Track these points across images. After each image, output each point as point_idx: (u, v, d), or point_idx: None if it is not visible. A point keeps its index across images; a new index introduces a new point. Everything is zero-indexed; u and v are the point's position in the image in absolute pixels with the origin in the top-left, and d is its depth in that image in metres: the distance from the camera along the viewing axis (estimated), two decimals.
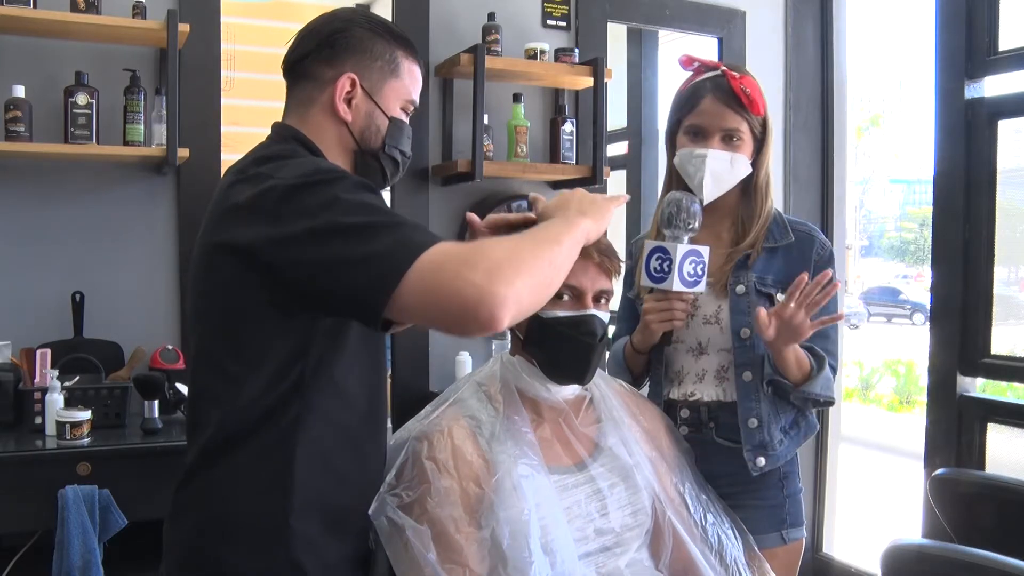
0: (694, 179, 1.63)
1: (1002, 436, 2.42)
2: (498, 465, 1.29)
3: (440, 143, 2.68)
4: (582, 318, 1.36)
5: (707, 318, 1.65)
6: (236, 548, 1.16)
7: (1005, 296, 2.94)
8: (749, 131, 1.63)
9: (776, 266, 1.66)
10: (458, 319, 1.02)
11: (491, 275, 1.00)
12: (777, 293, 1.64)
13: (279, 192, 1.09)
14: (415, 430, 1.35)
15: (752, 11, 3.11)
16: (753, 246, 1.65)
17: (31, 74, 2.26)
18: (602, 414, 1.47)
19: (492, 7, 2.67)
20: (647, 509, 1.41)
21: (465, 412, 1.36)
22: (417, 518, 1.24)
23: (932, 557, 1.71)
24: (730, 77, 1.63)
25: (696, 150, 1.62)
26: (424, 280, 1.01)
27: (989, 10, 2.39)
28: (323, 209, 1.06)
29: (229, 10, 2.49)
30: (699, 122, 1.63)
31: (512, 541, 1.24)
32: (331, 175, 1.11)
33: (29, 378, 2.17)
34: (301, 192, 1.08)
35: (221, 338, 1.17)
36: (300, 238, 1.05)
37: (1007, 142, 2.41)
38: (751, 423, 1.62)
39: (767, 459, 1.62)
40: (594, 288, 1.37)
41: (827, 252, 1.69)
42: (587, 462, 1.40)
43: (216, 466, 1.16)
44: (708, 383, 1.66)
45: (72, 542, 1.89)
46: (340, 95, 1.25)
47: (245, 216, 1.11)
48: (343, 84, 1.25)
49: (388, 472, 1.31)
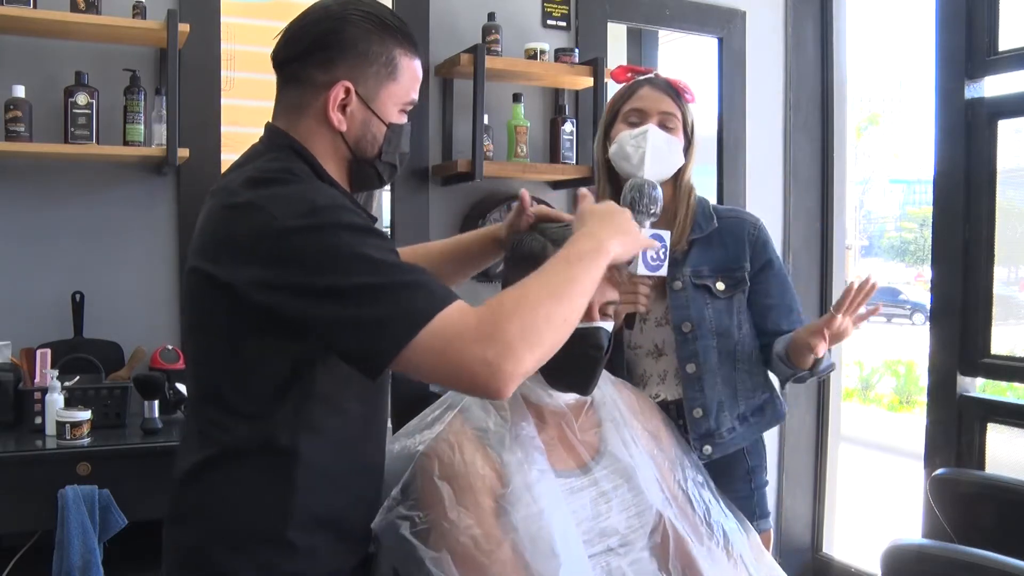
0: (634, 158, 1.62)
1: (1002, 436, 2.42)
2: (511, 474, 1.29)
3: (440, 143, 2.68)
4: (589, 331, 1.34)
5: (658, 320, 1.70)
6: (237, 555, 1.15)
7: (1005, 296, 2.94)
8: (681, 123, 1.68)
9: (711, 255, 1.70)
10: (466, 389, 1.07)
11: (503, 355, 1.00)
12: (716, 283, 1.67)
13: (275, 234, 1.05)
14: (421, 442, 1.34)
15: (752, 11, 3.11)
16: (679, 241, 1.68)
17: (31, 74, 2.26)
18: (603, 416, 1.46)
19: (492, 7, 2.67)
20: (651, 509, 1.41)
21: (472, 422, 1.35)
22: (435, 544, 1.22)
23: (932, 557, 1.72)
24: (665, 76, 1.71)
25: (636, 130, 1.65)
26: (433, 349, 1.01)
27: (989, 10, 2.39)
28: (324, 262, 1.03)
29: (229, 10, 2.49)
30: (638, 105, 1.67)
31: (532, 546, 1.23)
32: (329, 217, 1.06)
33: (29, 378, 2.17)
34: (299, 237, 1.04)
35: (219, 354, 1.15)
36: (300, 291, 1.03)
37: (1007, 142, 2.41)
38: (696, 413, 1.67)
39: (714, 447, 1.67)
40: (601, 300, 1.37)
41: (760, 232, 1.73)
42: (590, 465, 1.40)
43: (219, 474, 1.16)
44: (669, 383, 1.70)
45: (72, 542, 1.89)
46: (334, 104, 1.17)
47: (240, 255, 1.07)
48: (337, 92, 1.17)
49: (392, 483, 1.31)
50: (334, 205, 1.09)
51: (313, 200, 1.08)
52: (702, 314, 1.67)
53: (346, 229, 1.06)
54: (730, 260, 1.70)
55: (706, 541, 1.44)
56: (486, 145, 2.58)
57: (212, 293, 1.11)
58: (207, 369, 1.18)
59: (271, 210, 1.06)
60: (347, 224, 1.06)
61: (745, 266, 1.71)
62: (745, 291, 1.71)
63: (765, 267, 1.72)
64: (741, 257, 1.71)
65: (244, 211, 1.09)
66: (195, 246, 1.16)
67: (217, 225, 1.12)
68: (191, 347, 1.22)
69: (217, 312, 1.12)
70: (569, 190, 2.83)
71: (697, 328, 1.67)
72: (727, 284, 1.69)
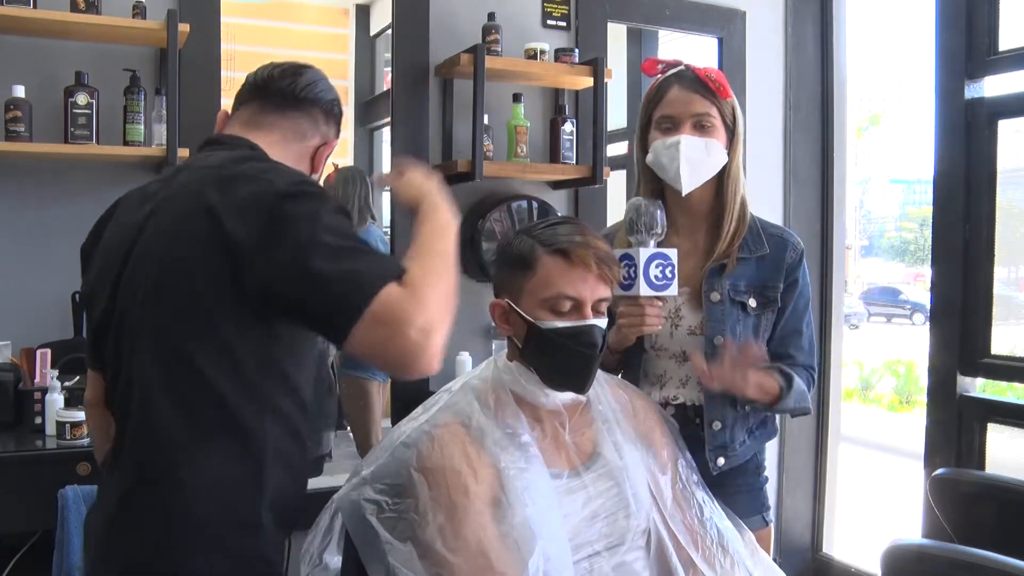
0: (669, 171, 1.62)
1: (1002, 436, 2.42)
2: (497, 472, 1.28)
3: (440, 143, 2.68)
4: (582, 329, 1.35)
5: (691, 329, 1.66)
6: (206, 546, 1.16)
7: (1005, 296, 2.95)
8: (720, 117, 1.63)
9: (749, 272, 1.66)
10: (398, 363, 1.11)
11: (435, 330, 1.10)
12: (750, 300, 1.65)
13: (272, 196, 1.14)
14: (404, 431, 1.34)
15: (752, 11, 3.11)
16: (728, 255, 1.65)
17: (31, 74, 2.25)
18: (597, 417, 1.46)
19: (492, 7, 2.67)
20: (640, 512, 1.40)
21: (459, 418, 1.34)
22: (400, 535, 1.23)
23: (932, 557, 1.72)
24: (694, 68, 1.64)
25: (668, 139, 1.61)
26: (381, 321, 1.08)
27: (989, 10, 2.39)
28: (310, 221, 1.12)
29: (229, 10, 2.49)
30: (669, 112, 1.63)
31: (514, 546, 1.23)
32: (316, 189, 1.20)
33: (29, 378, 2.17)
34: (289, 203, 1.14)
35: (185, 332, 1.16)
36: (288, 246, 1.11)
37: (1007, 142, 2.42)
38: (715, 425, 1.64)
39: (726, 459, 1.65)
40: (593, 297, 1.36)
41: (798, 254, 1.69)
42: (582, 466, 1.40)
43: (182, 468, 1.16)
44: (692, 388, 1.67)
45: (72, 542, 1.89)
46: (325, 151, 1.39)
47: (236, 214, 1.14)
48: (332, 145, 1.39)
49: (366, 462, 1.32)
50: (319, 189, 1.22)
51: (303, 176, 1.25)
52: (735, 330, 1.63)
53: (328, 204, 1.17)
54: (766, 279, 1.66)
55: (700, 541, 1.44)
56: (486, 145, 2.58)
57: (196, 250, 1.15)
58: (167, 353, 1.18)
59: (269, 177, 1.18)
60: (330, 202, 1.18)
61: (779, 286, 1.67)
62: (774, 312, 1.68)
63: (791, 286, 1.68)
64: (777, 277, 1.66)
65: (239, 180, 1.18)
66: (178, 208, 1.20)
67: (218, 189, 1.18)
68: (146, 317, 1.20)
69: (191, 272, 1.16)
70: (569, 190, 2.83)
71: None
72: (759, 302, 1.66)
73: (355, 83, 3.92)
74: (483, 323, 2.70)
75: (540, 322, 1.35)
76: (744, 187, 1.70)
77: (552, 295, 1.35)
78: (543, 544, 1.25)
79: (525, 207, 2.70)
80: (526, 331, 1.36)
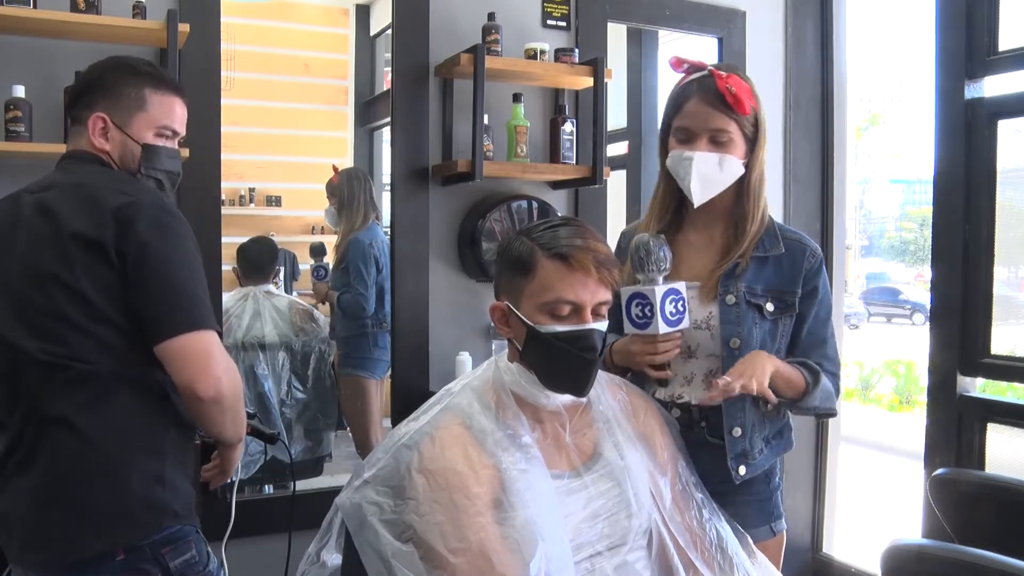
0: (683, 181, 1.63)
1: (1002, 436, 2.42)
2: (498, 473, 1.28)
3: (440, 143, 2.68)
4: (581, 333, 1.35)
5: (697, 323, 1.66)
6: (112, 485, 1.37)
7: (1005, 296, 2.95)
8: (739, 131, 1.62)
9: (767, 275, 1.66)
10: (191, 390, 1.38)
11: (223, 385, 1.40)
12: (767, 303, 1.64)
13: (143, 207, 1.43)
14: (405, 433, 1.34)
15: (752, 11, 3.11)
16: (743, 255, 1.65)
17: (31, 74, 2.25)
18: (598, 418, 1.46)
19: (492, 7, 2.67)
20: (642, 512, 1.40)
21: (460, 419, 1.34)
22: (401, 536, 1.23)
23: (932, 557, 1.71)
24: (716, 77, 1.61)
25: (684, 152, 1.61)
26: (199, 351, 1.39)
27: (989, 10, 2.39)
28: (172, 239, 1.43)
29: (229, 10, 2.49)
30: (686, 124, 1.63)
31: (515, 547, 1.23)
32: (175, 214, 1.49)
33: None
34: (162, 213, 1.45)
35: (77, 304, 1.40)
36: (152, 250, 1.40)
37: (1007, 142, 2.41)
38: (735, 432, 1.63)
39: (748, 468, 1.64)
40: (593, 301, 1.36)
41: (817, 261, 1.69)
42: (583, 467, 1.40)
43: (86, 415, 1.38)
44: (696, 386, 1.67)
45: None
46: (95, 132, 1.54)
47: (112, 222, 1.40)
48: (95, 122, 1.54)
49: (367, 464, 1.32)
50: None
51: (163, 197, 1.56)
52: (751, 333, 1.63)
53: (184, 224, 1.49)
54: (784, 283, 1.66)
55: (699, 542, 1.44)
56: (486, 145, 2.58)
57: (76, 251, 1.41)
58: (61, 322, 1.40)
59: (134, 195, 1.45)
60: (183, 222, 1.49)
61: (797, 291, 1.66)
62: (792, 317, 1.67)
63: (811, 294, 1.68)
64: (795, 282, 1.66)
65: (109, 190, 1.46)
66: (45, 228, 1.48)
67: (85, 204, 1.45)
68: (31, 299, 1.43)
69: (80, 273, 1.41)
70: (569, 190, 2.83)
71: (745, 346, 1.62)
72: (776, 306, 1.65)
73: (355, 83, 3.92)
74: (483, 323, 2.70)
75: (539, 326, 1.34)
76: (766, 191, 1.70)
77: (551, 299, 1.35)
78: (544, 545, 1.25)
79: (525, 207, 2.70)
80: (526, 334, 1.36)
